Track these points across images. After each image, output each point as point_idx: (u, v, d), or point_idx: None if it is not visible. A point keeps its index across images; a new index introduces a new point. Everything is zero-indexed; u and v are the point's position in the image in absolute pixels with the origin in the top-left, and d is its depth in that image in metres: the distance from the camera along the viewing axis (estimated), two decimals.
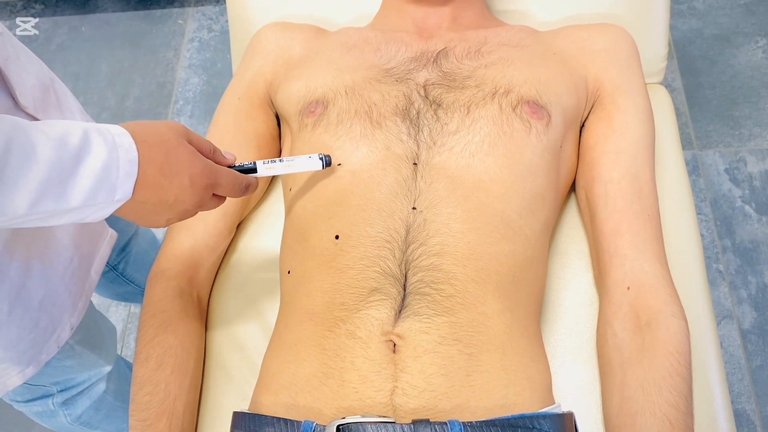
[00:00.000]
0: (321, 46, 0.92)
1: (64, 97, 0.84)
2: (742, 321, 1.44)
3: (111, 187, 0.55)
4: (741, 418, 1.35)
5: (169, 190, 0.59)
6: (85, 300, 0.85)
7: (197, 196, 0.61)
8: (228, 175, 0.64)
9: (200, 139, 0.64)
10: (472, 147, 0.75)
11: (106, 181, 0.55)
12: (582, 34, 0.89)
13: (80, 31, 2.04)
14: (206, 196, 0.62)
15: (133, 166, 0.56)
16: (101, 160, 0.54)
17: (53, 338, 0.81)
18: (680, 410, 0.67)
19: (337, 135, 0.78)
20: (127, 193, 0.56)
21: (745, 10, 1.81)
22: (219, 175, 0.63)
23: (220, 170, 0.64)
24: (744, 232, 1.53)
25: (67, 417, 1.03)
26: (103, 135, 0.55)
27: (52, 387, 0.97)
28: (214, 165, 0.63)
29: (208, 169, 0.62)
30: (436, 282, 0.69)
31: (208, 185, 0.62)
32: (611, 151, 0.81)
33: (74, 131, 0.54)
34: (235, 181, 0.65)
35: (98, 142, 0.55)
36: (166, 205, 0.60)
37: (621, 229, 0.77)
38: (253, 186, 0.69)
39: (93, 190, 0.54)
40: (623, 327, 0.74)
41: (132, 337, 1.56)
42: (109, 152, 0.55)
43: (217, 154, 0.66)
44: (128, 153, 0.56)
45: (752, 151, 1.62)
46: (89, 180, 0.54)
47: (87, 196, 0.54)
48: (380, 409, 0.64)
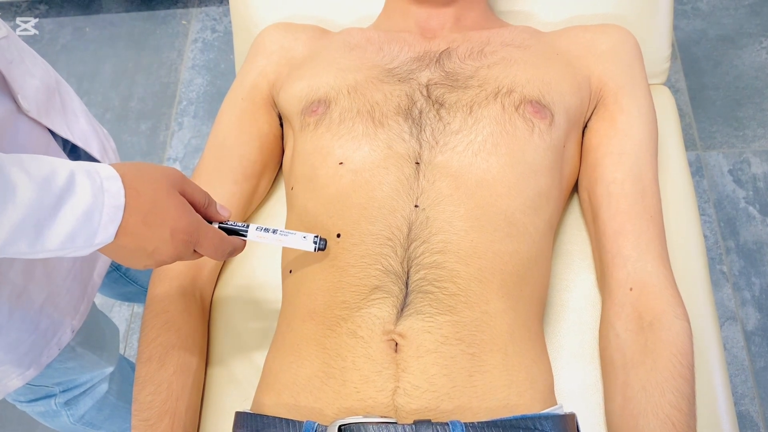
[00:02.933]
0: (324, 46, 0.92)
1: (69, 101, 0.84)
2: (746, 322, 1.43)
3: (92, 232, 0.54)
4: (744, 420, 1.34)
5: (150, 240, 0.58)
6: (87, 303, 0.85)
7: (176, 249, 0.59)
8: (213, 238, 0.63)
9: (196, 189, 0.63)
10: (475, 146, 0.75)
11: (86, 226, 0.53)
12: (585, 34, 0.89)
13: (84, 32, 2.04)
14: (186, 251, 0.61)
15: (118, 211, 0.55)
16: (84, 205, 0.53)
17: (54, 341, 0.81)
18: (683, 412, 0.67)
19: (339, 134, 0.79)
20: (108, 238, 0.55)
21: (749, 11, 1.81)
22: (202, 235, 0.61)
23: (206, 230, 0.62)
24: (748, 234, 1.53)
25: (69, 417, 1.03)
26: (91, 177, 0.54)
27: (54, 387, 0.97)
28: (200, 222, 0.61)
29: (192, 227, 0.60)
30: (438, 280, 0.69)
31: (188, 242, 0.60)
32: (614, 151, 0.81)
33: (61, 172, 0.52)
34: (219, 244, 0.63)
35: (84, 185, 0.53)
36: (145, 253, 0.59)
37: (624, 230, 0.77)
38: (238, 250, 0.66)
39: (71, 234, 0.53)
40: (626, 328, 0.74)
41: (135, 337, 1.57)
42: (94, 196, 0.54)
43: (210, 208, 0.64)
44: (115, 199, 0.55)
45: (756, 152, 1.62)
46: (68, 224, 0.52)
47: (64, 240, 0.53)
48: (382, 410, 0.64)
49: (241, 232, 0.67)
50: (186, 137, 1.82)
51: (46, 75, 0.79)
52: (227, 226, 0.66)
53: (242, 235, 0.67)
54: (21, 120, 0.71)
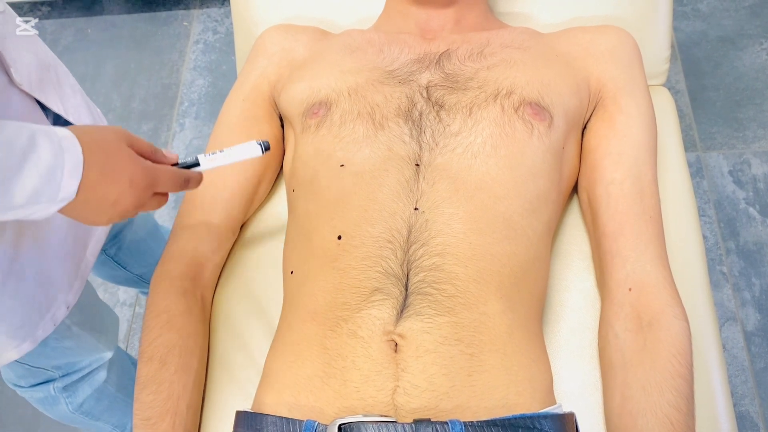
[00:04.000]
0: (324, 48, 0.92)
1: (65, 79, 0.86)
2: (745, 323, 1.43)
3: (55, 187, 0.57)
4: (744, 420, 1.35)
5: (111, 190, 0.61)
6: (80, 280, 0.87)
7: (136, 196, 0.63)
8: (166, 173, 0.67)
9: (141, 141, 0.67)
10: (474, 148, 0.76)
11: (50, 182, 0.57)
12: (585, 35, 0.89)
13: (86, 33, 2.05)
14: (145, 196, 0.65)
15: (77, 167, 0.59)
16: (46, 162, 0.56)
17: (49, 315, 0.82)
18: (681, 411, 0.67)
19: (340, 136, 0.79)
20: (71, 193, 0.59)
21: (749, 12, 1.81)
22: (158, 175, 0.66)
23: (158, 169, 0.66)
24: (748, 234, 1.53)
25: (68, 405, 1.04)
26: (50, 137, 0.58)
27: (54, 371, 0.98)
28: (152, 165, 0.65)
29: (147, 170, 0.64)
30: (437, 282, 0.69)
31: (147, 185, 0.64)
32: (613, 152, 0.82)
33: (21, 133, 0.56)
34: (173, 177, 0.68)
35: (44, 144, 0.57)
36: (108, 204, 0.62)
37: (623, 231, 0.77)
38: (194, 180, 0.71)
39: (37, 189, 0.56)
40: (625, 328, 0.74)
41: (136, 337, 1.57)
42: (54, 155, 0.57)
43: (158, 154, 0.69)
44: (73, 156, 0.58)
45: (756, 153, 1.62)
46: (33, 181, 0.56)
47: (30, 195, 0.56)
48: (382, 409, 0.64)
49: (194, 165, 0.71)
50: (187, 138, 1.82)
51: (42, 52, 0.81)
52: (179, 164, 0.71)
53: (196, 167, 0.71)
54: (13, 92, 0.73)
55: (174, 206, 1.72)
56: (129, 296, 1.63)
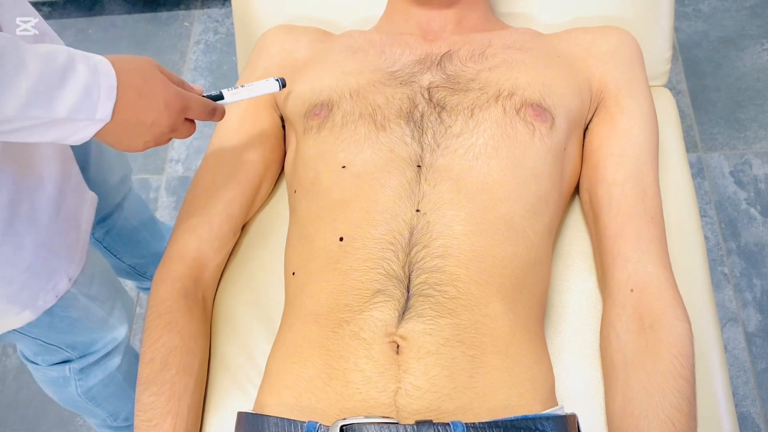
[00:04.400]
0: (326, 48, 0.92)
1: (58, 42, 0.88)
2: (747, 324, 1.43)
3: (92, 106, 0.61)
4: (746, 421, 1.34)
5: (147, 111, 0.65)
6: (81, 253, 0.88)
7: (171, 118, 0.67)
8: (197, 99, 0.71)
9: (170, 72, 0.71)
10: (476, 150, 0.76)
11: (89, 99, 0.60)
12: (586, 36, 0.89)
13: (87, 34, 2.05)
14: (179, 120, 0.69)
15: (112, 90, 0.62)
16: (84, 80, 0.60)
17: (50, 285, 0.83)
18: (683, 413, 0.67)
19: (342, 137, 0.79)
20: (107, 115, 0.62)
21: (750, 13, 1.81)
22: (189, 99, 0.70)
23: (190, 95, 0.70)
24: (749, 235, 1.53)
25: (78, 388, 1.05)
26: (86, 59, 0.61)
27: (71, 352, 0.99)
28: (184, 91, 0.70)
29: (180, 94, 0.68)
30: (439, 284, 0.69)
31: (180, 108, 0.68)
32: (615, 153, 0.82)
33: (61, 52, 0.60)
34: (203, 104, 0.72)
35: (82, 64, 0.60)
36: (144, 126, 0.66)
37: (624, 231, 0.77)
38: (219, 112, 0.75)
39: (76, 105, 0.60)
40: (626, 329, 0.74)
41: (137, 339, 1.57)
42: (91, 75, 0.61)
43: (185, 84, 0.73)
44: (108, 78, 0.62)
45: (757, 153, 1.62)
46: (73, 95, 0.59)
47: (71, 109, 0.59)
48: (383, 410, 0.64)
49: (217, 98, 0.76)
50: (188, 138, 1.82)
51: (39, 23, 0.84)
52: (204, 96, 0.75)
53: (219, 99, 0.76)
54: None
55: (175, 207, 1.72)
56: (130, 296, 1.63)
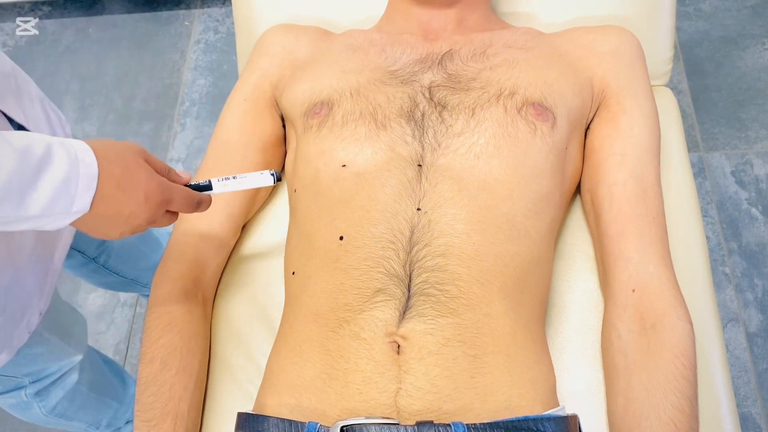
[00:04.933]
0: (326, 47, 0.92)
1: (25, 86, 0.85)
2: (748, 324, 1.43)
3: (69, 199, 0.57)
4: (747, 422, 1.34)
5: (125, 204, 0.61)
6: (50, 286, 0.86)
7: (150, 211, 0.63)
8: (181, 192, 0.67)
9: (156, 159, 0.67)
10: (477, 149, 0.75)
11: (65, 193, 0.57)
12: (587, 36, 0.89)
13: (87, 33, 2.04)
14: (159, 212, 0.65)
15: (92, 180, 0.59)
16: (62, 173, 0.57)
17: (23, 323, 0.81)
18: (685, 413, 0.67)
19: (342, 136, 0.79)
20: (85, 206, 0.59)
21: (751, 12, 1.81)
22: (172, 192, 0.66)
23: (174, 187, 0.66)
24: (750, 235, 1.52)
25: (41, 408, 1.04)
26: (66, 149, 0.58)
27: (24, 378, 0.97)
28: (168, 182, 0.66)
29: (162, 186, 0.64)
30: (440, 283, 0.69)
31: (161, 201, 0.64)
32: (616, 153, 0.81)
33: (38, 143, 0.56)
34: (187, 197, 0.68)
35: (60, 155, 0.57)
36: (121, 218, 0.62)
37: (626, 231, 0.77)
38: (205, 203, 0.71)
39: (51, 200, 0.56)
40: (628, 329, 0.74)
41: (137, 338, 1.57)
42: (70, 165, 0.57)
43: (172, 173, 0.69)
44: (89, 168, 0.58)
45: (759, 153, 1.62)
46: (48, 191, 0.56)
47: (45, 205, 0.56)
48: (384, 411, 0.64)
49: (206, 188, 0.72)
50: (188, 138, 1.82)
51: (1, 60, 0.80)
52: (191, 185, 0.71)
53: (207, 190, 0.72)
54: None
55: None
56: (130, 296, 1.63)
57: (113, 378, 1.21)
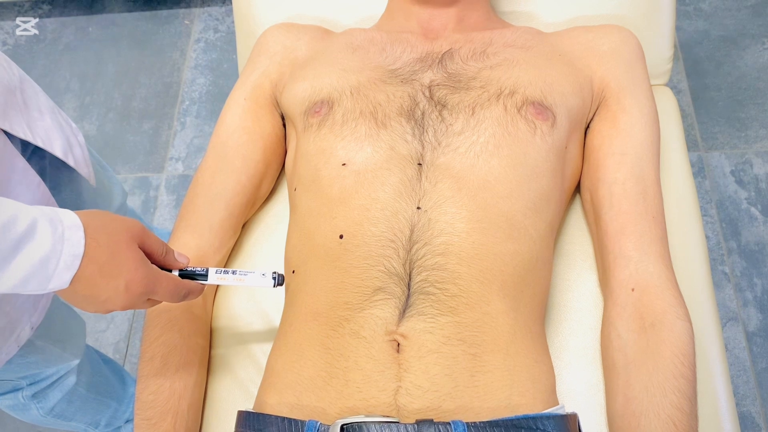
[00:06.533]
0: (326, 46, 0.92)
1: (33, 98, 0.83)
2: (747, 323, 1.43)
3: (46, 277, 0.55)
4: (746, 421, 1.34)
5: (103, 290, 0.59)
6: (46, 300, 0.85)
7: (129, 300, 0.61)
8: (168, 284, 0.64)
9: (154, 240, 0.65)
10: (477, 148, 0.75)
11: (41, 272, 0.55)
12: (587, 35, 0.89)
13: (87, 32, 2.04)
14: (138, 301, 0.62)
15: (75, 260, 0.57)
16: (42, 252, 0.54)
17: (13, 338, 0.80)
18: (684, 412, 0.67)
19: (342, 135, 0.79)
20: (64, 284, 0.57)
21: (751, 12, 1.81)
22: (158, 284, 0.63)
23: (161, 279, 0.63)
24: (750, 234, 1.52)
25: (39, 410, 1.03)
26: (53, 225, 0.56)
27: (20, 381, 0.97)
28: (156, 273, 0.63)
29: (147, 278, 0.62)
30: (440, 281, 0.69)
31: (143, 293, 0.62)
32: (616, 152, 0.81)
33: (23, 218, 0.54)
34: (174, 289, 0.65)
35: (45, 232, 0.55)
36: (97, 301, 0.60)
37: (625, 230, 0.77)
38: (194, 293, 0.68)
39: (24, 278, 0.54)
40: (627, 328, 0.74)
41: (137, 337, 1.57)
42: (53, 245, 0.55)
43: (168, 257, 0.66)
44: (74, 248, 0.57)
45: (758, 153, 1.62)
46: (22, 270, 0.54)
47: (16, 284, 0.54)
48: (384, 409, 0.64)
49: (201, 277, 0.69)
50: (188, 137, 1.82)
51: (6, 74, 0.78)
52: (186, 272, 0.68)
53: (203, 278, 0.69)
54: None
55: (175, 205, 1.72)
56: None
57: (112, 378, 1.20)
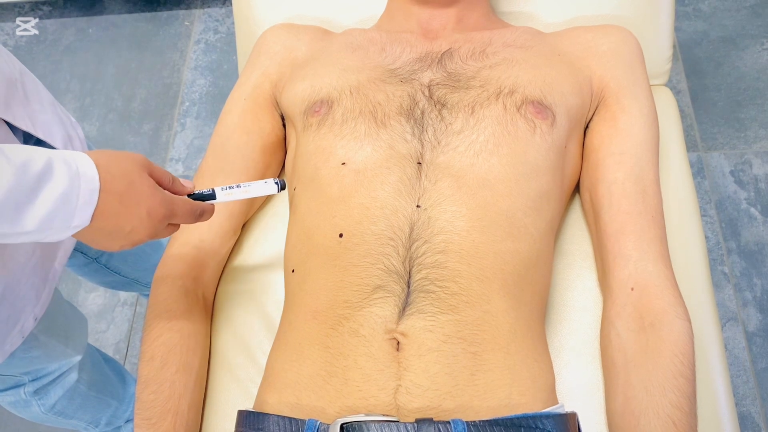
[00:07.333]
0: (326, 46, 0.92)
1: (34, 92, 0.84)
2: (747, 323, 1.43)
3: (69, 214, 0.57)
4: (746, 421, 1.34)
5: (127, 219, 0.61)
6: (48, 291, 0.86)
7: (152, 226, 0.63)
8: (184, 205, 0.67)
9: (161, 170, 0.67)
10: (477, 146, 0.76)
11: (63, 208, 0.56)
12: (587, 35, 0.89)
13: (87, 33, 2.05)
14: (161, 227, 0.65)
15: (93, 195, 0.58)
16: (61, 188, 0.56)
17: (17, 329, 0.81)
18: (684, 411, 0.67)
19: (342, 134, 0.79)
20: (85, 221, 0.58)
21: (750, 12, 1.81)
22: (175, 206, 0.65)
23: (177, 201, 0.66)
24: (749, 235, 1.53)
25: (40, 407, 1.04)
26: (67, 164, 0.57)
27: (23, 377, 0.97)
28: (171, 196, 0.65)
29: (165, 201, 0.64)
30: (440, 279, 0.69)
31: (164, 216, 0.64)
32: (615, 152, 0.81)
33: (38, 158, 0.55)
34: (190, 210, 0.68)
35: (61, 170, 0.56)
36: (123, 233, 0.62)
37: (625, 230, 0.77)
38: (208, 212, 0.71)
39: (49, 215, 0.56)
40: (627, 327, 0.74)
41: (137, 337, 1.57)
42: (70, 180, 0.56)
43: (176, 183, 0.69)
44: (90, 183, 0.58)
45: (758, 153, 1.62)
46: (46, 207, 0.55)
47: (42, 221, 0.55)
48: (384, 408, 0.64)
49: (209, 197, 0.72)
50: (188, 138, 1.82)
51: (7, 67, 0.79)
52: (195, 194, 0.71)
53: (211, 198, 0.72)
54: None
55: None
56: (130, 296, 1.63)
57: (113, 377, 1.21)
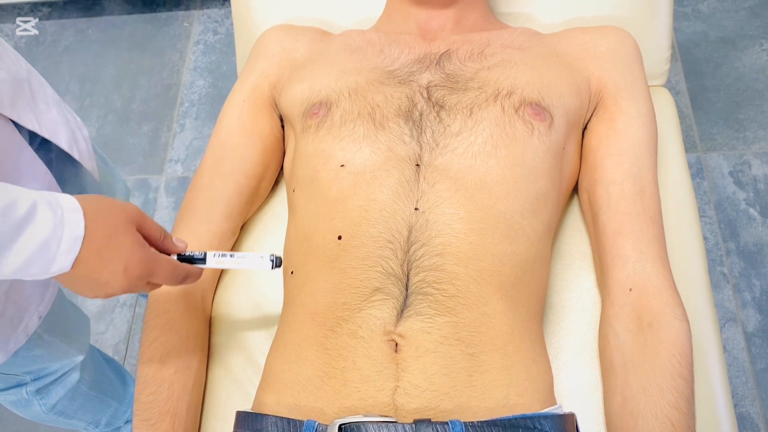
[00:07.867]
0: (325, 48, 0.92)
1: (40, 92, 0.84)
2: (746, 324, 1.43)
3: (48, 260, 0.56)
4: (745, 421, 1.34)
5: (102, 272, 0.60)
6: (52, 290, 0.86)
7: (128, 283, 0.61)
8: (167, 266, 0.65)
9: (153, 225, 0.65)
10: (475, 148, 0.76)
11: (43, 255, 0.56)
12: (585, 36, 0.89)
13: (87, 34, 2.05)
14: (138, 284, 0.63)
15: (76, 243, 0.57)
16: (43, 234, 0.55)
17: (21, 327, 0.81)
18: (682, 412, 0.67)
19: (340, 136, 0.79)
20: (66, 267, 0.57)
21: (749, 13, 1.81)
22: (156, 266, 0.63)
23: (160, 261, 0.64)
24: (748, 235, 1.53)
25: (41, 406, 1.04)
26: (53, 209, 0.56)
27: (25, 376, 0.97)
28: (154, 255, 0.63)
29: (146, 260, 0.62)
30: (438, 282, 0.69)
31: (141, 275, 0.62)
32: (613, 152, 0.82)
33: (22, 202, 0.55)
34: (172, 273, 0.65)
35: (45, 215, 0.55)
36: (97, 284, 0.61)
37: (623, 231, 0.77)
38: (193, 276, 0.68)
39: (27, 262, 0.55)
40: (625, 328, 0.74)
41: (136, 338, 1.57)
42: (53, 227, 0.56)
43: (166, 241, 0.67)
44: (74, 230, 0.57)
45: (757, 153, 1.62)
46: (24, 253, 0.55)
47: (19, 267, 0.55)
48: (382, 409, 0.64)
49: (199, 260, 0.69)
50: (188, 139, 1.82)
51: (14, 66, 0.79)
52: (185, 256, 0.69)
53: (201, 262, 0.69)
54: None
55: (174, 207, 1.72)
56: (129, 297, 1.63)
57: (114, 377, 1.21)
